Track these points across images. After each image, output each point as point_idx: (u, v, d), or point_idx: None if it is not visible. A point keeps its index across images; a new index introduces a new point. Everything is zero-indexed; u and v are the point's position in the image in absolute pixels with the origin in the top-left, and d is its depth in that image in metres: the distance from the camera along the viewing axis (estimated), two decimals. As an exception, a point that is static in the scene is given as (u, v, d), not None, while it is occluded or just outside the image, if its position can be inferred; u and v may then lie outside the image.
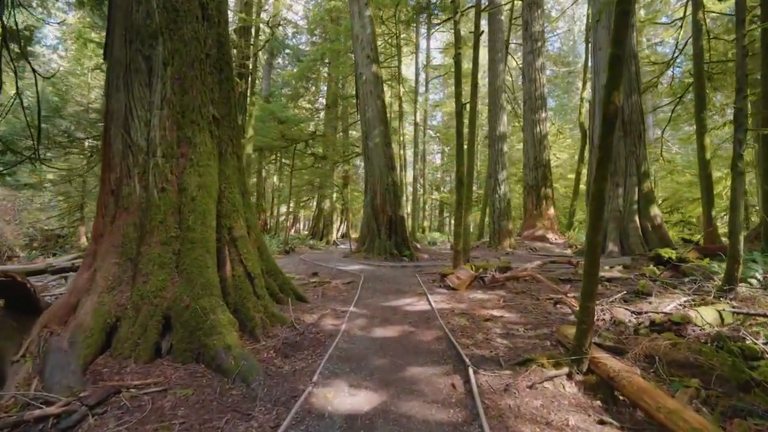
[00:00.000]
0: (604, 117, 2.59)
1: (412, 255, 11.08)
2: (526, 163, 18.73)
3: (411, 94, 23.29)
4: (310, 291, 5.52)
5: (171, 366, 2.88)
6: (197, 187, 3.39)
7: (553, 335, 3.49)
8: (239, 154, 4.14)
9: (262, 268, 4.32)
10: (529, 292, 5.38)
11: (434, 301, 4.97)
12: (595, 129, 11.52)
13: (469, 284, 5.65)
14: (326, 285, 5.84)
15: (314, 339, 3.53)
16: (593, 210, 2.63)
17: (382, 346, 3.39)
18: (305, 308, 4.51)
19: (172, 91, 3.45)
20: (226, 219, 3.75)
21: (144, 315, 3.00)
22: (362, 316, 4.33)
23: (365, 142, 11.95)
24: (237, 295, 3.60)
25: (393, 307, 4.81)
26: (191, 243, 3.23)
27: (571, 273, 6.56)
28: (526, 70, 18.78)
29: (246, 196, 4.21)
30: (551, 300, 4.90)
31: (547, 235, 17.18)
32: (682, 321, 3.64)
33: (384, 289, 5.88)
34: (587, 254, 2.66)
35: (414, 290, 5.77)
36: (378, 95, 11.79)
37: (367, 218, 11.81)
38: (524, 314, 4.30)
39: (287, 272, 7.45)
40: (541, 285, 5.71)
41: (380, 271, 8.17)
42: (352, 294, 5.47)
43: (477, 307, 4.67)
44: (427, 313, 4.49)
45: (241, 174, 4.15)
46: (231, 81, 4.11)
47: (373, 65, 11.84)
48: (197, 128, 3.53)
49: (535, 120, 18.18)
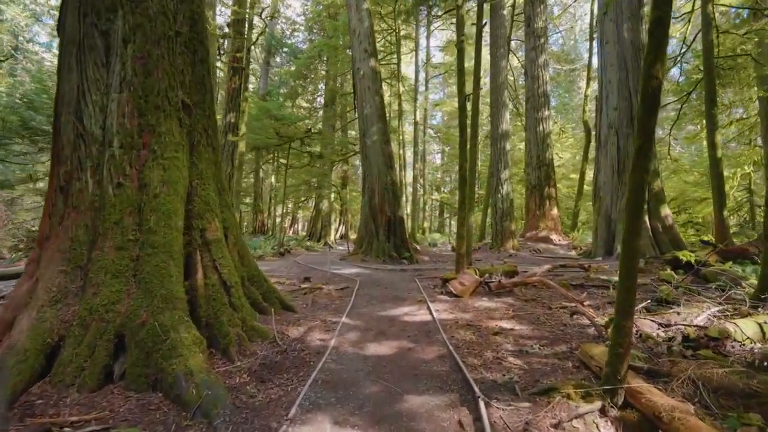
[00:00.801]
0: (644, 94, 2.12)
1: (411, 257, 10.61)
2: (528, 162, 18.27)
3: (411, 92, 22.84)
4: (300, 298, 5.04)
5: (122, 395, 2.41)
6: (161, 182, 2.92)
7: (574, 354, 3.02)
8: (215, 147, 3.67)
9: (242, 274, 3.85)
10: (539, 300, 4.90)
11: (436, 310, 4.50)
12: (603, 126, 11.06)
13: (474, 291, 5.18)
14: (318, 291, 5.36)
15: (298, 358, 3.06)
16: (631, 208, 2.16)
17: (376, 367, 2.92)
18: (292, 319, 4.04)
19: (133, 72, 2.99)
20: (198, 220, 3.28)
21: (93, 333, 2.53)
22: (355, 329, 3.85)
23: (363, 140, 11.49)
24: (209, 307, 3.13)
25: (390, 317, 4.33)
26: (152, 248, 2.76)
27: (583, 278, 6.09)
28: (528, 67, 18.33)
29: (224, 194, 3.74)
30: (565, 309, 4.43)
31: (550, 236, 16.71)
32: (720, 336, 3.18)
33: (381, 296, 5.41)
34: (624, 262, 2.19)
35: (413, 297, 5.30)
36: (376, 91, 11.33)
37: (364, 219, 11.34)
38: (537, 326, 3.83)
39: (278, 276, 6.99)
40: (552, 291, 5.23)
41: (378, 274, 7.70)
42: (346, 302, 5.00)
43: (483, 317, 4.20)
44: (427, 324, 4.02)
45: (218, 169, 3.68)
46: (206, 64, 3.64)
47: (371, 60, 11.38)
48: (163, 115, 3.06)
49: (538, 118, 17.72)
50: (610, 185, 10.58)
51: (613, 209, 10.46)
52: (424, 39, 25.98)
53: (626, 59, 10.58)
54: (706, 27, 10.41)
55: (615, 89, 10.68)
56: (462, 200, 5.61)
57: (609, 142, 10.74)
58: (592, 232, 11.19)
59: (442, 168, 34.60)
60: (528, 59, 18.30)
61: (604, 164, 10.86)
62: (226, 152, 12.75)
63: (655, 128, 2.14)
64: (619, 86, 10.61)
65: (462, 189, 5.59)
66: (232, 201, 10.91)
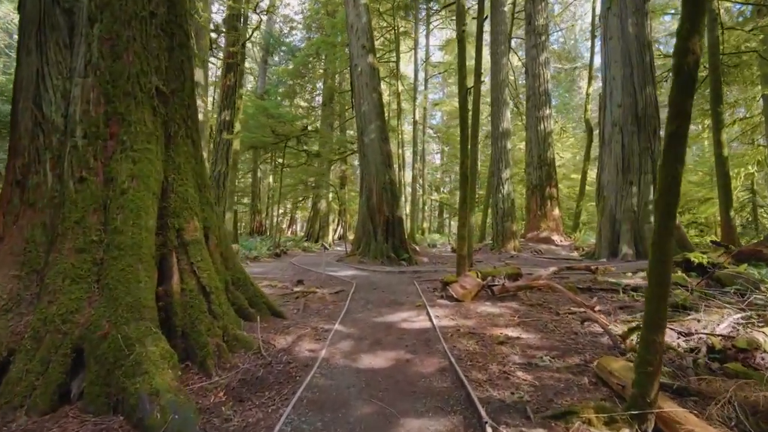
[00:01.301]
0: (678, 72, 1.83)
1: (410, 258, 10.32)
2: (529, 162, 17.99)
3: (410, 92, 22.57)
4: (291, 303, 4.74)
5: (78, 419, 2.11)
6: (130, 176, 2.62)
7: (589, 367, 2.72)
8: (196, 140, 3.37)
9: (226, 278, 3.55)
10: (546, 305, 4.61)
11: (436, 316, 4.20)
12: (606, 124, 10.79)
13: (476, 295, 4.88)
14: (311, 295, 5.06)
15: (283, 372, 2.76)
16: (664, 204, 1.86)
17: (370, 382, 2.62)
18: (280, 327, 3.73)
19: (100, 55, 2.69)
20: (174, 218, 2.98)
21: (47, 347, 2.22)
22: (348, 337, 3.55)
23: (361, 138, 11.19)
24: (186, 315, 2.83)
25: (387, 323, 4.03)
26: (118, 249, 2.46)
27: (591, 281, 5.79)
28: (529, 65, 18.07)
29: (206, 191, 3.44)
30: (574, 315, 4.14)
31: (552, 237, 16.43)
32: (749, 347, 2.88)
33: (378, 300, 5.11)
34: (655, 267, 1.89)
35: (412, 301, 5.00)
36: (374, 88, 11.04)
37: (362, 219, 11.05)
38: (546, 334, 3.53)
39: (271, 279, 6.69)
40: (559, 295, 4.94)
41: (375, 277, 7.40)
42: (340, 306, 4.70)
43: (487, 324, 3.90)
44: (427, 332, 3.72)
45: (199, 164, 3.38)
46: (187, 49, 3.34)
47: (369, 56, 11.10)
48: (133, 102, 2.76)
49: (539, 117, 17.45)
50: (614, 184, 10.30)
51: (617, 209, 10.18)
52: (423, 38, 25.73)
53: (631, 55, 10.30)
54: (711, 23, 10.15)
55: (619, 86, 10.41)
56: (463, 199, 5.31)
57: (613, 140, 10.46)
58: (596, 232, 10.91)
59: (442, 168, 34.35)
60: (529, 57, 18.03)
61: (607, 163, 10.59)
62: (221, 151, 12.45)
63: (690, 113, 1.84)
64: (623, 83, 10.33)
65: (463, 187, 5.30)
66: (226, 200, 10.62)
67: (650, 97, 10.21)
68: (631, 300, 4.81)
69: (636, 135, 10.12)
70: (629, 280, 5.79)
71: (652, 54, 10.53)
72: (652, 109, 10.24)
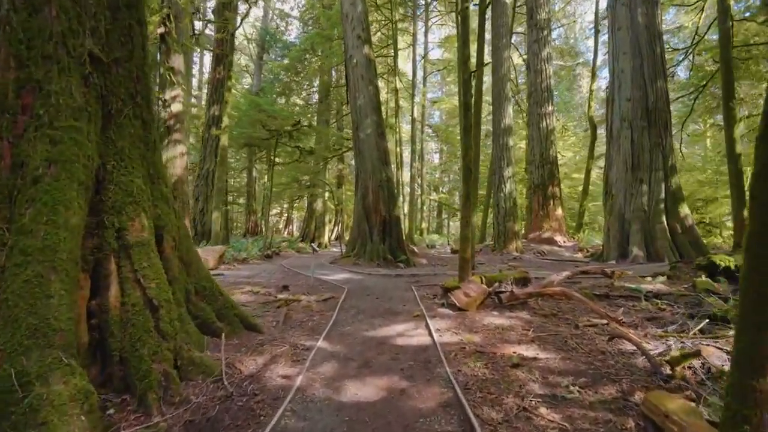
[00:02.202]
0: None
1: (408, 260, 9.76)
2: (531, 161, 17.46)
3: (408, 89, 22.03)
4: (271, 313, 4.16)
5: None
6: (46, 161, 2.04)
7: (630, 403, 2.16)
8: (148, 121, 2.79)
9: (187, 287, 2.98)
10: (561, 315, 4.05)
11: (436, 329, 3.63)
12: (614, 119, 10.25)
13: (481, 303, 4.32)
14: (294, 304, 4.49)
15: (245, 408, 2.19)
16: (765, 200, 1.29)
17: (354, 425, 2.05)
18: (253, 344, 3.16)
19: (12, 6, 2.11)
20: (113, 216, 2.40)
21: None
22: (333, 358, 2.98)
23: (356, 134, 10.63)
24: (126, 336, 2.26)
25: (379, 339, 3.47)
26: (24, 255, 1.89)
27: (607, 286, 5.24)
28: (531, 61, 17.55)
29: (160, 182, 2.86)
30: (595, 327, 3.58)
31: (554, 237, 15.90)
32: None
33: (370, 309, 4.54)
34: (752, 281, 1.32)
35: (409, 310, 4.44)
36: (370, 80, 10.48)
37: (357, 219, 10.48)
38: (567, 354, 2.97)
39: (255, 284, 6.10)
40: (575, 304, 4.39)
41: (370, 280, 6.83)
42: (327, 317, 4.13)
43: (496, 339, 3.34)
44: (426, 350, 3.15)
45: (151, 150, 2.80)
46: (137, 12, 2.77)
47: (365, 47, 10.54)
48: (56, 68, 2.18)
49: (541, 114, 16.92)
50: (623, 182, 9.77)
51: (626, 208, 9.65)
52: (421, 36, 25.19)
53: (640, 46, 9.78)
54: (723, 15, 9.63)
55: (628, 78, 9.88)
56: (466, 195, 4.75)
57: (621, 136, 9.93)
58: (603, 233, 10.37)
59: (441, 168, 33.84)
60: (530, 52, 17.52)
61: (616, 160, 10.05)
62: (210, 147, 11.87)
63: None
64: (632, 75, 9.80)
65: (466, 182, 4.74)
66: (219, 199, 10.03)
67: (661, 90, 9.69)
68: (656, 309, 4.26)
69: (646, 130, 9.59)
70: (649, 285, 5.24)
71: (662, 45, 10.01)
72: (663, 102, 9.72)
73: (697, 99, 12.81)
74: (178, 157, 6.46)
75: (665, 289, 5.07)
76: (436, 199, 30.36)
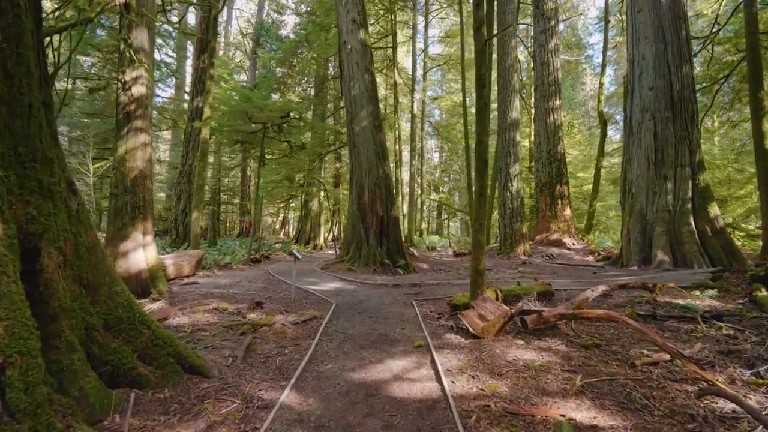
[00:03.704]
0: None
1: (408, 265, 8.83)
2: (537, 158, 16.54)
3: (407, 83, 21.13)
4: (231, 343, 3.23)
5: None
6: None
7: None
8: (17, 74, 1.86)
9: (90, 322, 2.05)
10: (605, 346, 3.13)
11: (447, 369, 2.71)
12: (634, 110, 9.33)
13: (501, 328, 3.39)
14: (263, 329, 3.55)
15: None
16: None
17: None
18: (190, 398, 2.24)
19: None
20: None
21: None
22: (298, 425, 2.06)
23: (350, 126, 9.70)
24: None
25: (369, 386, 2.54)
26: None
27: (648, 302, 4.31)
28: (537, 53, 16.63)
29: (36, 167, 1.93)
30: (656, 366, 2.67)
31: (563, 239, 14.97)
32: None
33: (361, 335, 3.61)
34: None
35: (410, 337, 3.51)
36: (366, 68, 9.56)
37: (352, 220, 9.55)
38: (639, 419, 2.05)
39: (225, 298, 5.16)
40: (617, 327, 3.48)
41: (363, 292, 5.91)
42: (304, 348, 3.20)
43: (530, 388, 2.42)
44: (434, 409, 2.23)
45: (21, 117, 1.87)
46: None
47: (360, 31, 9.62)
48: None
49: (548, 108, 16.01)
50: (645, 179, 8.86)
51: (649, 208, 8.74)
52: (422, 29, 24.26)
53: (664, 29, 8.87)
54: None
55: (650, 66, 8.97)
56: (480, 192, 3.82)
57: (643, 129, 9.02)
58: (621, 235, 9.45)
59: (441, 167, 32.92)
60: (537, 44, 16.61)
61: (636, 155, 9.14)
62: (192, 142, 10.93)
63: None
64: (655, 62, 8.90)
65: (481, 176, 3.81)
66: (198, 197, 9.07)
67: (687, 78, 8.78)
68: (723, 335, 3.34)
69: (671, 122, 8.68)
70: (701, 301, 4.32)
71: (688, 28, 9.10)
72: (689, 92, 8.81)
73: (718, 92, 11.89)
74: (140, 148, 5.52)
75: (720, 307, 4.15)
76: (435, 198, 29.40)
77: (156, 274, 5.46)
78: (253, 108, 9.51)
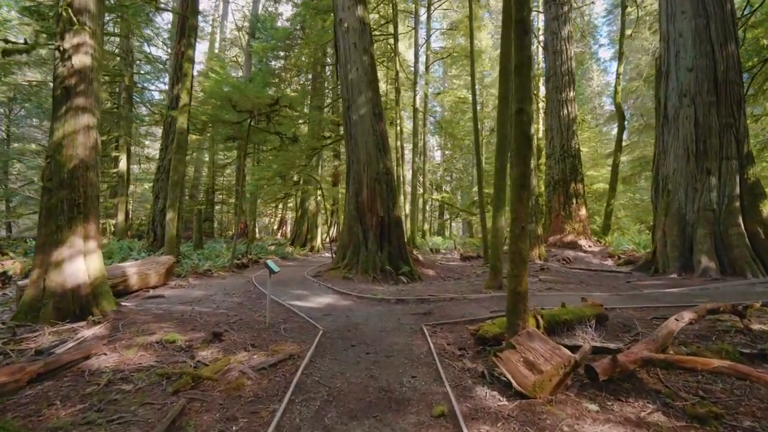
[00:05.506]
0: None
1: (412, 272, 7.72)
2: (550, 154, 15.42)
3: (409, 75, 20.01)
4: (152, 411, 2.11)
5: None
6: None
7: None
8: None
9: None
10: (733, 418, 2.02)
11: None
12: (670, 95, 8.20)
13: (561, 382, 2.28)
14: (211, 383, 2.43)
15: None
16: None
17: None
18: None
19: None
20: None
21: None
22: None
23: (346, 115, 8.59)
24: None
25: None
26: None
27: (740, 330, 3.20)
28: (549, 41, 15.50)
29: None
30: None
31: (578, 241, 13.83)
32: None
33: (353, 393, 2.49)
34: None
35: (425, 393, 2.40)
36: (365, 49, 8.44)
37: (349, 221, 8.43)
38: None
39: (185, 320, 4.04)
40: (750, 380, 2.36)
41: (360, 311, 4.80)
42: (263, 419, 2.09)
43: None
44: None
45: None
46: None
47: (358, 7, 8.50)
48: None
49: (562, 100, 14.90)
50: (684, 174, 7.73)
51: (688, 207, 7.60)
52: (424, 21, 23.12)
53: (705, 2, 7.74)
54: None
55: (689, 44, 7.83)
56: (521, 182, 2.71)
57: (681, 116, 7.89)
58: (655, 238, 8.31)
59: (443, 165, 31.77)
60: (549, 31, 15.49)
61: (673, 146, 8.00)
62: (172, 135, 9.83)
63: None
64: (695, 39, 7.76)
65: (524, 158, 2.70)
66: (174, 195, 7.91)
67: (733, 57, 7.65)
68: None
69: (714, 107, 7.54)
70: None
71: (733, 1, 7.97)
72: (735, 73, 7.68)
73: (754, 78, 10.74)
74: (81, 132, 4.43)
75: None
76: (438, 198, 28.24)
77: (100, 289, 4.36)
78: (238, 95, 8.39)
